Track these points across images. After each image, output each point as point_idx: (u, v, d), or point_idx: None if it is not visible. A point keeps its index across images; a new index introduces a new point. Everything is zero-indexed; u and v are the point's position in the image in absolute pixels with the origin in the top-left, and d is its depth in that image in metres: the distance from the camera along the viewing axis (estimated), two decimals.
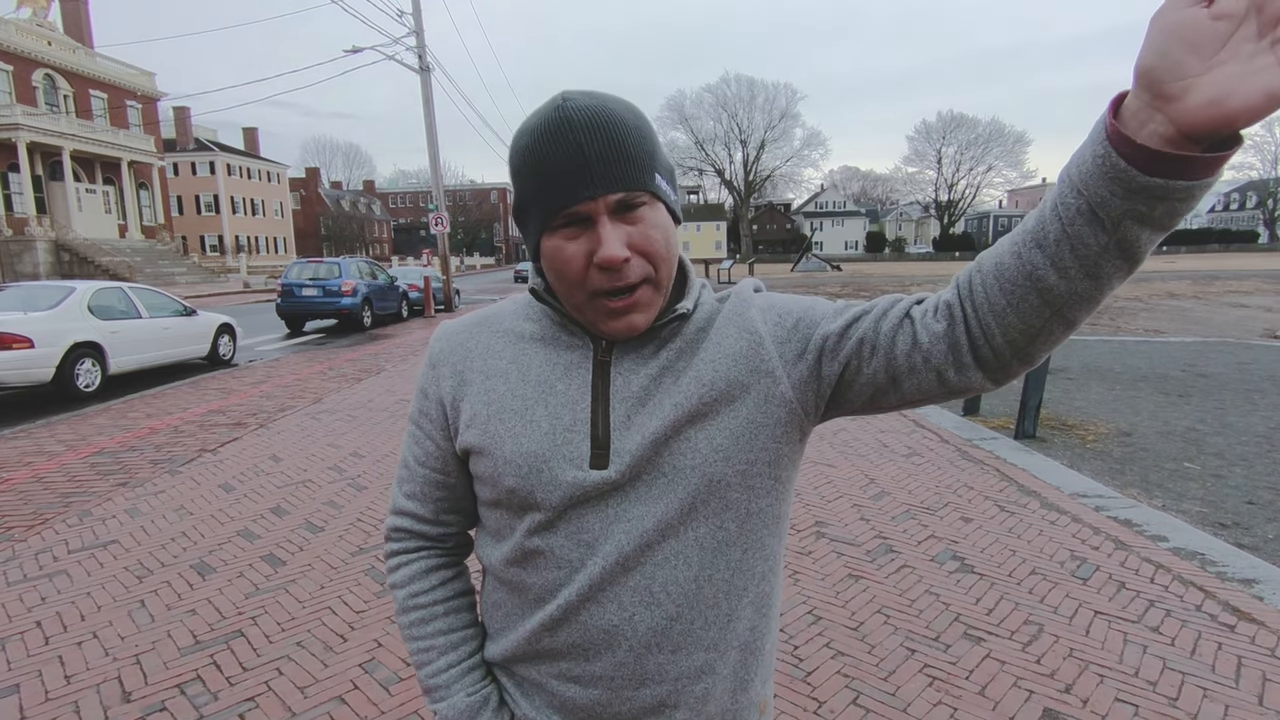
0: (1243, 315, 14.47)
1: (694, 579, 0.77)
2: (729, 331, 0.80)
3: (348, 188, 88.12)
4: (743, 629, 0.81)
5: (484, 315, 0.88)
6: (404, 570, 0.89)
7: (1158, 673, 2.39)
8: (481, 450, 0.80)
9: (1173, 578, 3.06)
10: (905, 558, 3.32)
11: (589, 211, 0.71)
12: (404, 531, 0.90)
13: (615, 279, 0.72)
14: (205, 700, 2.36)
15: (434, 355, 0.87)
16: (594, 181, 0.70)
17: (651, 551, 0.76)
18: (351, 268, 14.88)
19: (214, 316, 10.52)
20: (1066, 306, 0.62)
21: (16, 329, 7.28)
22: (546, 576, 0.78)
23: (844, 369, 0.76)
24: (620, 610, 0.76)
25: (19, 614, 2.97)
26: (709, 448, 0.75)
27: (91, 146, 33.93)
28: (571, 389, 0.78)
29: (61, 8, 36.79)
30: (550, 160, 0.71)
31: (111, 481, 4.74)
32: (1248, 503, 4.10)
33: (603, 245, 0.71)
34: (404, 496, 0.90)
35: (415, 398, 0.89)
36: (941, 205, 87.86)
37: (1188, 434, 5.53)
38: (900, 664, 2.48)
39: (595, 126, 0.71)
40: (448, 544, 0.92)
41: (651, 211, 0.74)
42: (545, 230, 0.74)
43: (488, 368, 0.83)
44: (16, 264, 29.10)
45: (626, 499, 0.76)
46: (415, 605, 0.88)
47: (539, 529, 0.78)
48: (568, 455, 0.76)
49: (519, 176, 0.76)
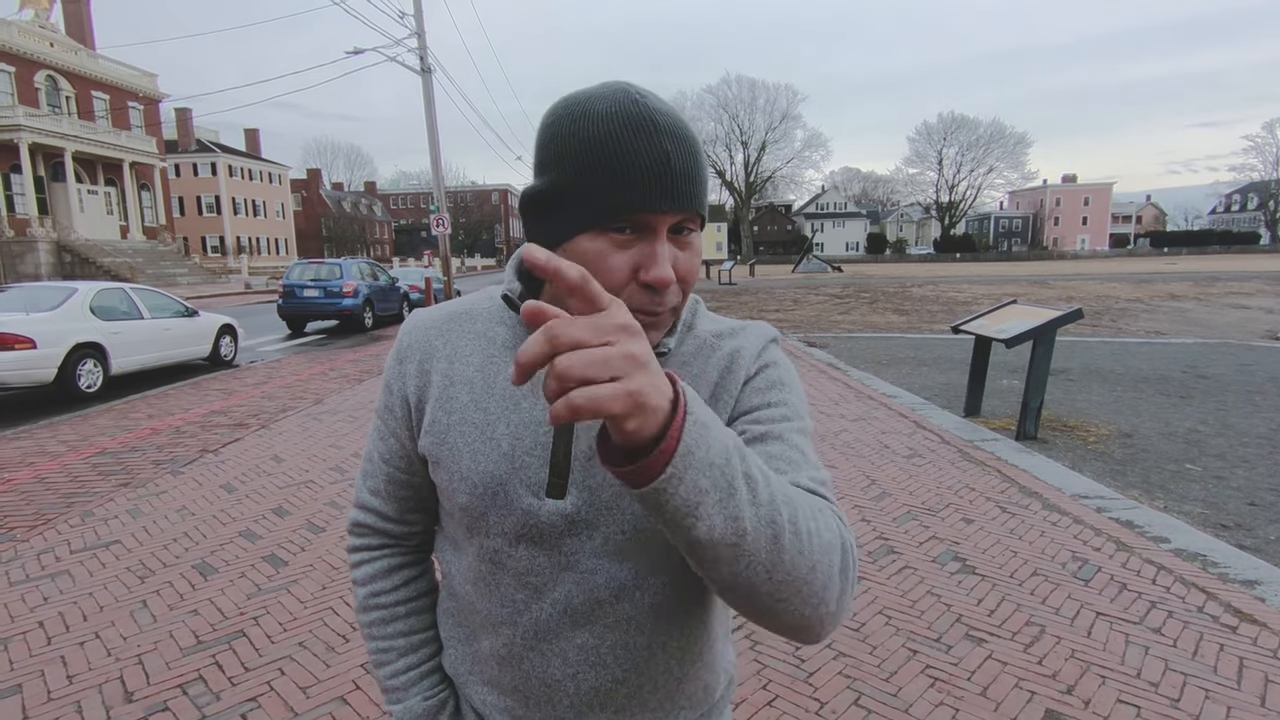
0: (1244, 317, 14.46)
1: (646, 646, 0.74)
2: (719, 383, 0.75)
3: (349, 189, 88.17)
4: (694, 689, 0.79)
5: (459, 309, 0.81)
6: (366, 568, 0.87)
7: (1159, 674, 2.39)
8: (437, 461, 0.75)
9: (1174, 579, 3.06)
10: (907, 559, 3.32)
11: (654, 223, 0.65)
12: (366, 528, 0.87)
13: (654, 303, 0.67)
14: (207, 700, 2.36)
15: (401, 348, 0.81)
16: (677, 196, 0.65)
17: (603, 611, 0.72)
18: (353, 269, 14.88)
19: (215, 317, 10.53)
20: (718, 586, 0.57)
21: (19, 329, 7.29)
22: (493, 608, 0.76)
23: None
24: (565, 666, 0.73)
25: (21, 614, 2.97)
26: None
27: (93, 148, 33.97)
28: (538, 408, 0.73)
29: (64, 9, 36.86)
30: (630, 158, 0.64)
31: (113, 482, 4.75)
32: (1249, 504, 4.09)
33: (657, 264, 0.65)
34: (368, 492, 0.86)
35: (381, 390, 0.83)
36: (942, 206, 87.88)
37: (1189, 435, 5.53)
38: (902, 665, 2.48)
39: (680, 137, 0.66)
40: (412, 542, 0.88)
41: (696, 239, 0.70)
42: (592, 229, 0.66)
43: (453, 372, 0.76)
44: (18, 265, 29.14)
45: (580, 548, 0.71)
46: (376, 605, 0.86)
47: (487, 557, 0.74)
48: (524, 480, 0.71)
49: (568, 162, 0.67)
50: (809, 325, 13.81)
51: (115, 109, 37.81)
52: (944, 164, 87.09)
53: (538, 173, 0.71)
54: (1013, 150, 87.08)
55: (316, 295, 14.23)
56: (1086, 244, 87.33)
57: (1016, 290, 22.04)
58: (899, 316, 15.17)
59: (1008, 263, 66.26)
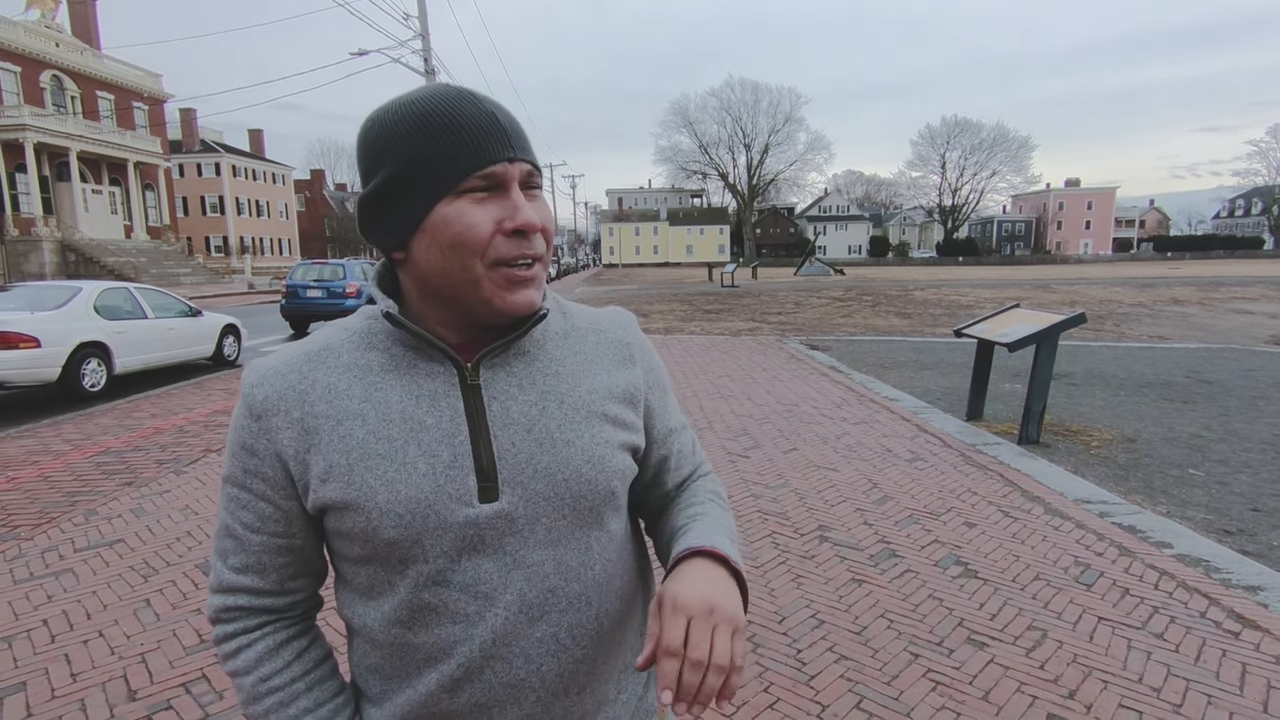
0: (1248, 322, 14.43)
1: (595, 618, 0.77)
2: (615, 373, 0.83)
3: (353, 189, 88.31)
4: (627, 652, 0.84)
5: (309, 350, 0.76)
6: (248, 654, 0.76)
7: (1162, 679, 2.39)
8: (347, 505, 0.70)
9: (1177, 584, 3.05)
10: (909, 562, 3.32)
11: (505, 174, 0.69)
12: (240, 610, 0.76)
13: (525, 247, 0.70)
14: (210, 699, 2.37)
15: (257, 405, 0.72)
16: (511, 144, 0.70)
17: (555, 598, 0.74)
18: (356, 269, 14.90)
19: (219, 317, 10.55)
20: None
21: (23, 328, 7.31)
22: (438, 634, 0.72)
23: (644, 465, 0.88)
24: (528, 663, 0.73)
25: (25, 612, 2.98)
26: (605, 488, 0.77)
27: (98, 147, 34.08)
28: (444, 421, 0.71)
29: (69, 9, 37.00)
30: (465, 120, 0.68)
31: (117, 481, 4.76)
32: (1252, 510, 4.09)
33: (520, 210, 0.69)
34: (233, 571, 0.76)
35: (234, 455, 0.74)
36: (945, 210, 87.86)
37: (1192, 440, 5.52)
38: (904, 668, 2.48)
39: (500, 105, 0.72)
40: (295, 611, 0.80)
41: (545, 198, 0.75)
42: (446, 195, 0.68)
43: (336, 411, 0.71)
44: (23, 264, 29.24)
45: (524, 544, 0.72)
46: (269, 690, 0.75)
47: (428, 583, 0.71)
48: (453, 494, 0.70)
49: (404, 145, 0.68)
50: (811, 328, 13.81)
51: (120, 109, 37.93)
52: (947, 167, 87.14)
53: (367, 179, 0.73)
54: (1016, 154, 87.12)
55: (319, 295, 14.26)
56: (1089, 248, 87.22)
57: (1019, 294, 22.01)
58: (901, 320, 15.15)
59: (1010, 266, 66.21)
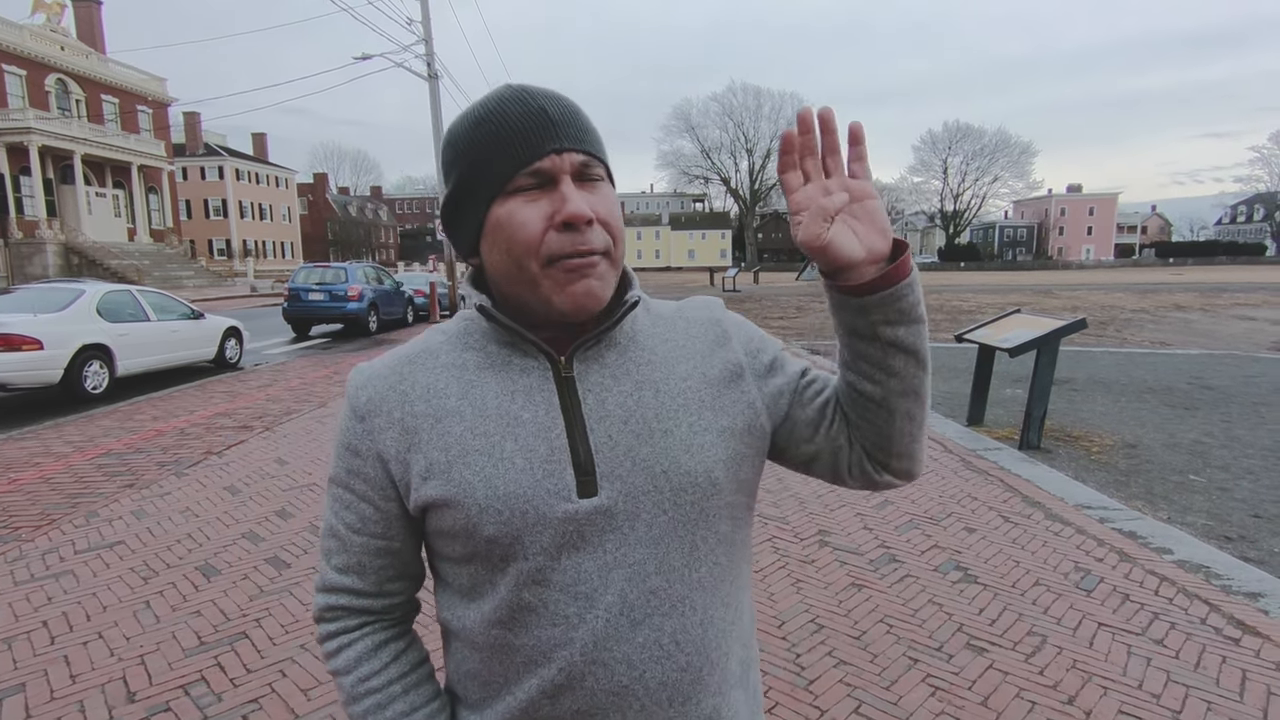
0: (1250, 328, 14.41)
1: (700, 623, 0.73)
2: (709, 355, 0.79)
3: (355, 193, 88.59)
4: (734, 665, 0.78)
5: (409, 353, 0.78)
6: (348, 653, 0.77)
7: (1161, 685, 2.38)
8: (448, 502, 0.70)
9: (1177, 590, 3.05)
10: (908, 567, 3.31)
11: (553, 169, 0.68)
12: (341, 609, 0.78)
13: (578, 241, 0.67)
14: (209, 701, 2.37)
15: (361, 406, 0.75)
16: (561, 135, 0.69)
17: (658, 600, 0.70)
18: (358, 273, 14.95)
19: (221, 320, 10.58)
20: (892, 402, 0.75)
21: (26, 330, 7.34)
22: (538, 636, 0.70)
23: (807, 422, 0.80)
24: (630, 669, 0.70)
25: (26, 613, 2.98)
26: (706, 479, 0.72)
27: (102, 150, 34.22)
28: (539, 415, 0.71)
29: (75, 13, 37.19)
30: (509, 122, 0.68)
31: (118, 483, 4.77)
32: (1254, 516, 4.08)
33: (568, 202, 0.67)
34: (336, 571, 0.78)
35: (339, 456, 0.76)
36: (947, 215, 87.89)
37: (1193, 446, 5.51)
38: (903, 674, 2.48)
39: (553, 95, 0.71)
40: (394, 614, 0.81)
41: (607, 187, 0.72)
42: (499, 196, 0.69)
43: (435, 410, 0.73)
44: (26, 266, 29.33)
45: (625, 541, 0.70)
46: (368, 690, 0.76)
47: (528, 581, 0.70)
48: (551, 489, 0.69)
49: (467, 152, 0.71)
50: (813, 332, 13.81)
51: (124, 112, 38.08)
52: (949, 173, 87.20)
53: (446, 184, 0.75)
54: (1018, 160, 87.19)
55: (322, 299, 14.29)
56: (1091, 254, 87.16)
57: (1020, 299, 21.99)
58: None
59: (1012, 272, 66.15)
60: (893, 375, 0.73)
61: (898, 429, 0.76)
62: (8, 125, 30.11)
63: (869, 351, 0.73)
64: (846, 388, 0.77)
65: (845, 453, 0.80)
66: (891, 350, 0.72)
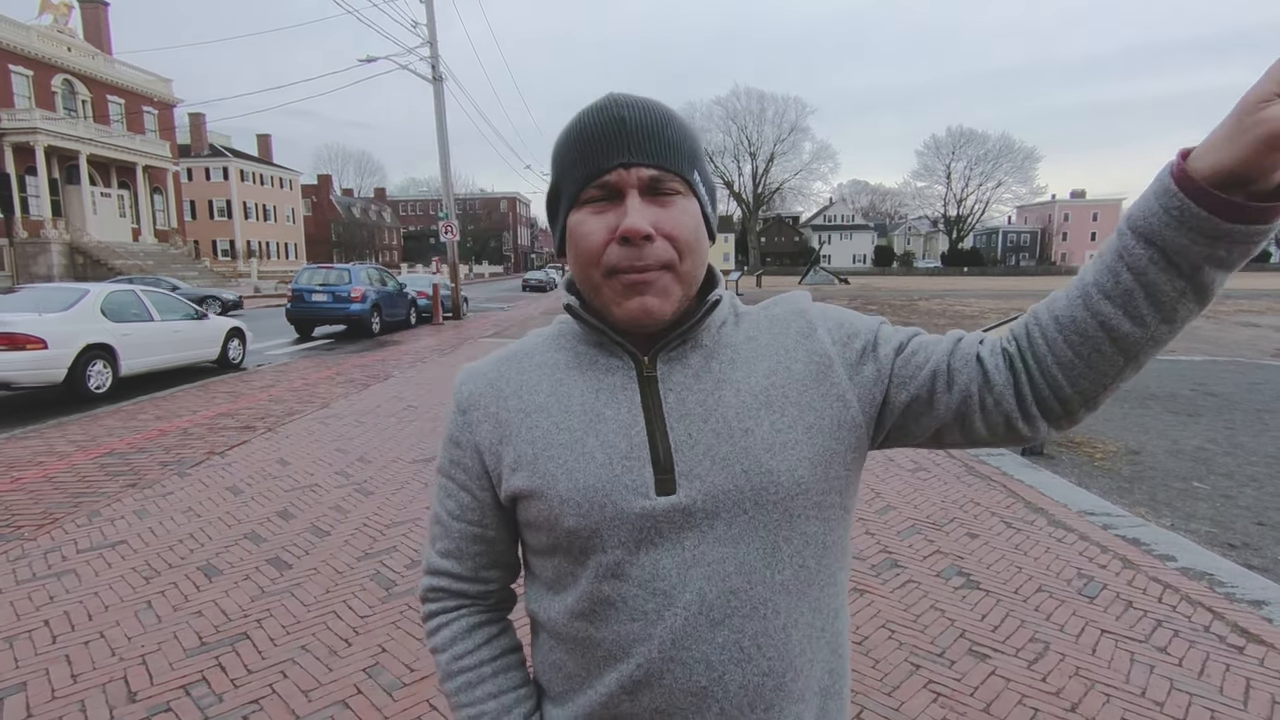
0: (1254, 335, 14.37)
1: (782, 628, 0.71)
2: (794, 350, 0.76)
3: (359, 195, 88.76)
4: (820, 673, 0.76)
5: (509, 353, 0.83)
6: (445, 632, 0.83)
7: (1164, 693, 2.37)
8: (533, 493, 0.73)
9: (1180, 598, 3.04)
10: (911, 573, 3.30)
11: (619, 182, 0.69)
12: (442, 591, 0.84)
13: (634, 256, 0.68)
14: (210, 702, 2.37)
15: (463, 400, 0.81)
16: (630, 149, 0.69)
17: (738, 600, 0.70)
18: (361, 274, 14.98)
19: (224, 320, 10.62)
20: (1142, 351, 0.64)
21: (30, 330, 7.36)
22: (618, 630, 0.71)
23: (913, 399, 0.74)
24: (710, 670, 0.69)
25: (27, 612, 2.99)
26: (789, 478, 0.71)
27: (108, 151, 34.35)
28: (621, 413, 0.73)
29: (82, 14, 37.36)
30: (588, 130, 0.70)
31: (121, 482, 4.78)
32: (1257, 523, 4.06)
33: (626, 215, 0.68)
34: (438, 555, 0.84)
35: (444, 448, 0.82)
36: (950, 220, 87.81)
37: (1197, 453, 5.50)
38: (904, 679, 2.47)
39: (640, 105, 0.71)
40: (489, 601, 0.86)
41: (685, 201, 0.71)
42: (574, 205, 0.72)
43: (526, 405, 0.77)
44: (31, 266, 29.42)
45: (704, 539, 0.70)
46: (460, 669, 0.81)
47: (607, 574, 0.71)
48: (629, 485, 0.70)
49: (556, 159, 0.74)
50: None
51: (130, 113, 38.23)
52: (952, 178, 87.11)
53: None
54: (1021, 165, 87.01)
55: (325, 300, 14.32)
56: None
57: (1024, 304, 21.96)
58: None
59: (1015, 277, 66.11)
60: (1168, 320, 0.62)
61: (1117, 377, 0.67)
62: (14, 125, 30.25)
63: (1166, 289, 0.61)
64: (1083, 322, 0.65)
65: (976, 413, 0.72)
66: (1196, 291, 0.61)
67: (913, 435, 0.77)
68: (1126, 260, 0.62)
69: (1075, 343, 0.66)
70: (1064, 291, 0.68)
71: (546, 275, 43.37)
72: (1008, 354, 0.71)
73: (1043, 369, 0.69)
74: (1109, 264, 0.63)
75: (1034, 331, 0.69)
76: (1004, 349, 0.72)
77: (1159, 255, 0.60)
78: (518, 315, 20.56)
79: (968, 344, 0.74)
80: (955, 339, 0.76)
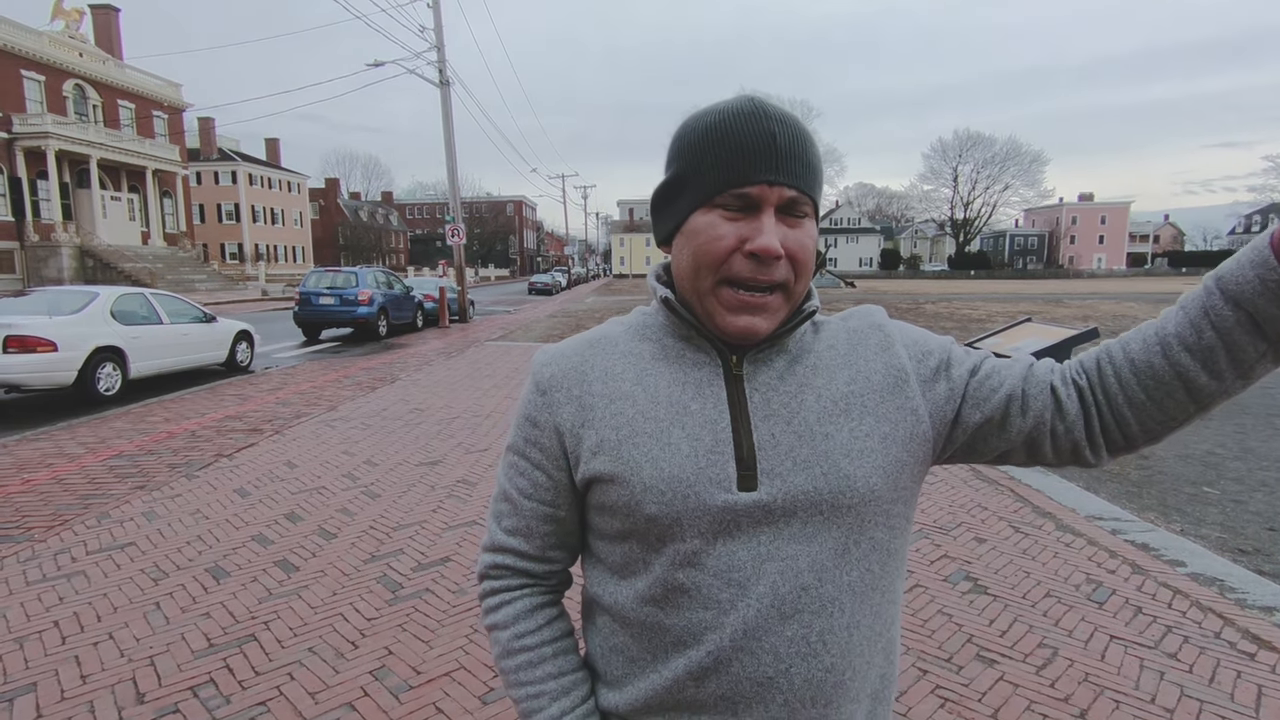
0: None
1: (846, 627, 0.73)
2: (872, 361, 0.79)
3: (366, 198, 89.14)
4: (875, 676, 0.78)
5: (592, 338, 0.83)
6: (507, 610, 0.83)
7: (1175, 700, 2.35)
8: (614, 478, 0.74)
9: (1190, 603, 3.01)
10: (918, 577, 3.29)
11: (760, 197, 0.70)
12: (505, 569, 0.84)
13: (761, 272, 0.70)
14: (218, 703, 2.38)
15: (544, 381, 0.81)
16: (780, 168, 0.70)
17: (808, 597, 0.72)
18: (368, 277, 15.03)
19: (232, 323, 10.66)
20: (1214, 401, 0.69)
21: (41, 332, 7.42)
22: (690, 618, 0.73)
23: (986, 420, 0.77)
24: (777, 662, 0.71)
25: (37, 613, 3.01)
26: (864, 484, 0.73)
27: (118, 155, 34.66)
28: (707, 408, 0.74)
29: (93, 20, 37.72)
30: (736, 136, 0.70)
31: (129, 484, 4.80)
32: (1268, 529, 4.03)
33: (762, 234, 0.69)
34: (504, 532, 0.84)
35: (519, 426, 0.82)
36: (957, 223, 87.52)
37: (1207, 458, 5.46)
38: (912, 684, 2.46)
39: (789, 122, 0.72)
40: (551, 581, 0.86)
41: (809, 223, 0.73)
42: (703, 205, 0.72)
43: (611, 391, 0.78)
44: (42, 269, 29.69)
45: (779, 535, 0.72)
46: (522, 648, 0.81)
47: (684, 563, 0.72)
48: (713, 478, 0.72)
49: (689, 151, 0.74)
50: None
51: (140, 117, 38.55)
52: (959, 181, 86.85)
53: (665, 170, 0.78)
54: (1029, 168, 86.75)
55: (332, 303, 14.38)
56: (1103, 263, 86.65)
57: (1031, 308, 21.86)
58: None
59: (1023, 280, 65.83)
60: (1245, 377, 0.68)
61: (1185, 421, 0.72)
62: (26, 130, 30.55)
63: (1249, 351, 0.66)
64: (1161, 370, 0.70)
65: (1046, 439, 0.76)
66: (1277, 355, 0.66)
67: (979, 454, 0.81)
68: (1212, 319, 0.66)
69: (1150, 387, 0.70)
70: (1139, 334, 0.72)
71: (552, 278, 43.44)
72: (1078, 386, 0.75)
73: (1113, 406, 0.73)
74: (1193, 319, 0.67)
75: (1107, 369, 0.74)
76: (1074, 380, 0.76)
77: (1246, 319, 0.64)
78: (525, 318, 20.58)
79: (1041, 371, 0.78)
80: (1027, 365, 0.79)
